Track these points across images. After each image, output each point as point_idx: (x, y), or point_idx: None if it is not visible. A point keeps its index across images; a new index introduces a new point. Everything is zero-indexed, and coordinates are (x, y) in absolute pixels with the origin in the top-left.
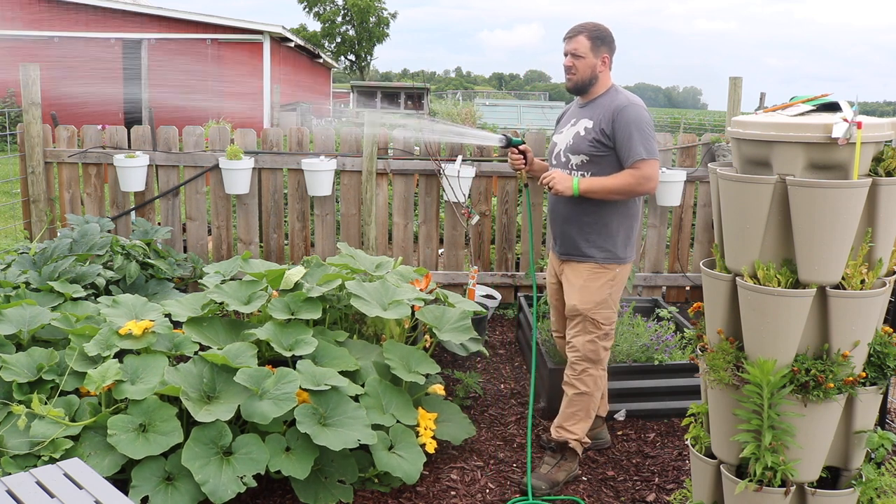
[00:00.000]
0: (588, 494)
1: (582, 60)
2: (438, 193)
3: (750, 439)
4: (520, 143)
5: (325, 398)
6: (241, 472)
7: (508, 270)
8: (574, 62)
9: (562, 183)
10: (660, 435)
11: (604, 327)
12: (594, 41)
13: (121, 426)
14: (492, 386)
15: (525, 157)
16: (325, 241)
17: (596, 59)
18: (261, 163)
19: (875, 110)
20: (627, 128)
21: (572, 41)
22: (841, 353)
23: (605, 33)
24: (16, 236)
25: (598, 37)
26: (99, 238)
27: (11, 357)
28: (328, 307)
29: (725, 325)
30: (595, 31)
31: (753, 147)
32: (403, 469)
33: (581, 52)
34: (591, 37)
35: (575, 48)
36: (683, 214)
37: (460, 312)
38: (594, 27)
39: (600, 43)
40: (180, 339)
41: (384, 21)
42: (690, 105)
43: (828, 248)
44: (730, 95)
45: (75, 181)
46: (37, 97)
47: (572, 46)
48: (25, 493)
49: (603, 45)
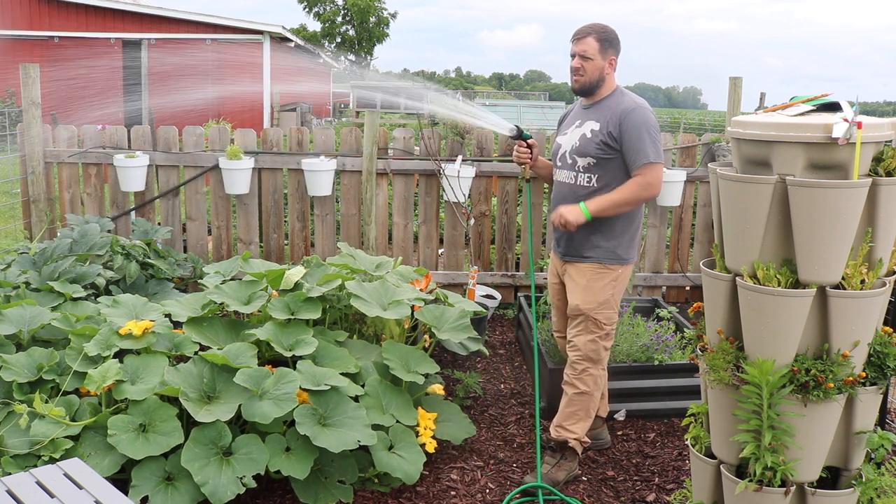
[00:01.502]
0: (588, 494)
1: (590, 62)
2: (438, 193)
3: (750, 439)
4: (529, 136)
5: (325, 398)
6: (241, 472)
7: (508, 270)
8: (582, 63)
9: (572, 214)
10: (660, 435)
11: (605, 327)
12: (602, 43)
13: (121, 426)
14: (492, 386)
15: (531, 152)
16: (325, 241)
17: (604, 61)
18: (261, 163)
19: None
20: (636, 130)
21: (581, 42)
22: (841, 353)
23: (612, 35)
24: (16, 236)
25: (607, 39)
26: (99, 238)
27: (11, 357)
28: (328, 307)
29: (725, 325)
30: (603, 32)
31: (753, 147)
32: (403, 469)
33: (590, 53)
34: (600, 38)
35: (584, 49)
36: (683, 214)
37: (459, 312)
38: (602, 29)
39: (608, 45)
40: (180, 339)
41: (384, 21)
42: (690, 105)
43: (828, 248)
44: (730, 95)
45: (75, 181)
46: (37, 97)
47: (581, 48)
48: (25, 493)
49: (611, 47)
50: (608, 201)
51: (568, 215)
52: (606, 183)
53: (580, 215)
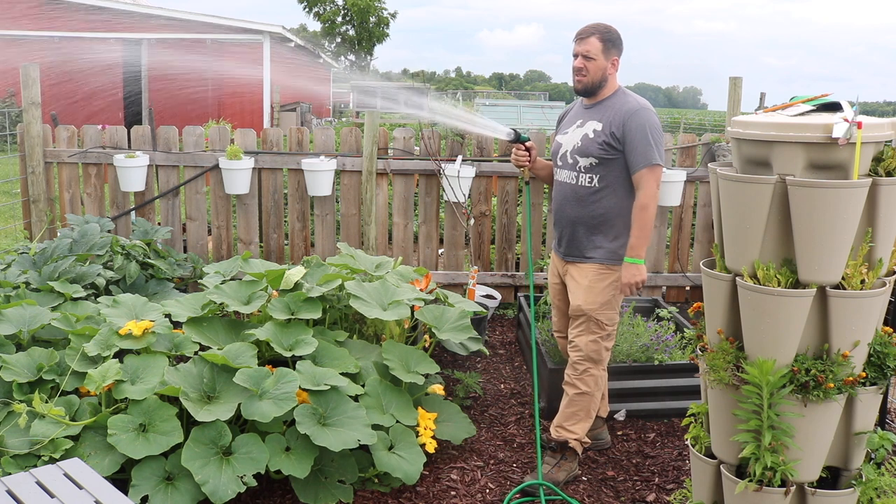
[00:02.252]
0: (588, 494)
1: (593, 62)
2: (438, 193)
3: (750, 439)
4: (527, 139)
5: (324, 398)
6: (241, 471)
7: (508, 270)
8: (585, 64)
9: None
10: (660, 435)
11: (607, 328)
12: (606, 43)
13: (121, 426)
14: (492, 386)
15: (530, 155)
16: (325, 241)
17: (607, 61)
18: (261, 163)
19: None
20: (640, 132)
21: (584, 42)
22: (841, 353)
23: (615, 35)
24: (16, 236)
25: (609, 39)
26: (99, 238)
27: (11, 357)
28: (328, 307)
29: (725, 325)
30: (607, 32)
31: (753, 147)
32: (403, 469)
33: (593, 53)
34: (603, 39)
35: (587, 50)
36: (683, 214)
37: (460, 312)
38: (606, 29)
39: (611, 45)
40: (180, 339)
41: (384, 21)
42: (690, 105)
43: (828, 248)
44: (730, 95)
45: (75, 181)
46: (37, 97)
47: (584, 48)
48: (25, 493)
49: (613, 47)
50: (638, 237)
51: (633, 279)
52: (608, 183)
53: (638, 269)
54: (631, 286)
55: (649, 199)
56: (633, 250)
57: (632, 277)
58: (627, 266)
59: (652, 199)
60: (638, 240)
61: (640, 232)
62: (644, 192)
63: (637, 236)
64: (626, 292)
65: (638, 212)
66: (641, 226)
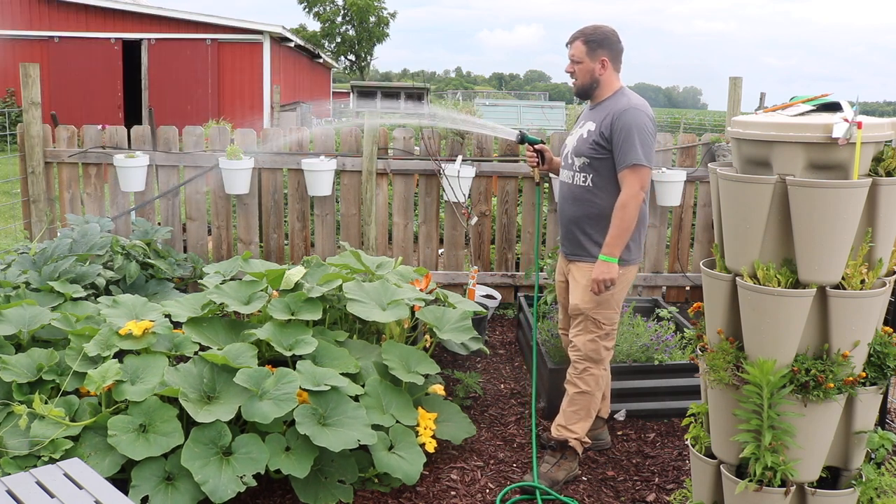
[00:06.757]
0: (588, 494)
1: (579, 65)
2: (438, 193)
3: (750, 439)
4: (535, 141)
5: (324, 398)
6: (241, 471)
7: (508, 270)
8: (574, 67)
9: (603, 273)
10: (660, 435)
11: (605, 327)
12: (589, 45)
13: (121, 427)
14: (492, 386)
15: (542, 156)
16: (325, 241)
17: (593, 62)
18: (261, 163)
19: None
20: (626, 131)
21: (570, 47)
22: (841, 353)
23: (602, 36)
24: (16, 236)
25: (594, 40)
26: (99, 238)
27: (11, 357)
28: (328, 307)
29: (725, 325)
30: (591, 34)
31: (753, 147)
32: (403, 469)
33: (577, 57)
34: (587, 41)
35: (573, 54)
36: (683, 214)
37: (461, 313)
38: (591, 31)
39: (596, 46)
40: (180, 339)
41: (384, 21)
42: (690, 105)
43: (828, 248)
44: (730, 95)
45: (75, 181)
46: (37, 97)
47: (570, 52)
48: (25, 493)
49: (600, 48)
50: (614, 236)
51: (602, 276)
52: (601, 183)
53: (609, 267)
54: (600, 284)
55: (629, 198)
56: (608, 248)
57: (601, 275)
58: (599, 263)
59: (632, 199)
60: (614, 238)
61: (617, 231)
62: (625, 192)
63: (614, 235)
64: (595, 290)
65: (617, 210)
66: (619, 224)
